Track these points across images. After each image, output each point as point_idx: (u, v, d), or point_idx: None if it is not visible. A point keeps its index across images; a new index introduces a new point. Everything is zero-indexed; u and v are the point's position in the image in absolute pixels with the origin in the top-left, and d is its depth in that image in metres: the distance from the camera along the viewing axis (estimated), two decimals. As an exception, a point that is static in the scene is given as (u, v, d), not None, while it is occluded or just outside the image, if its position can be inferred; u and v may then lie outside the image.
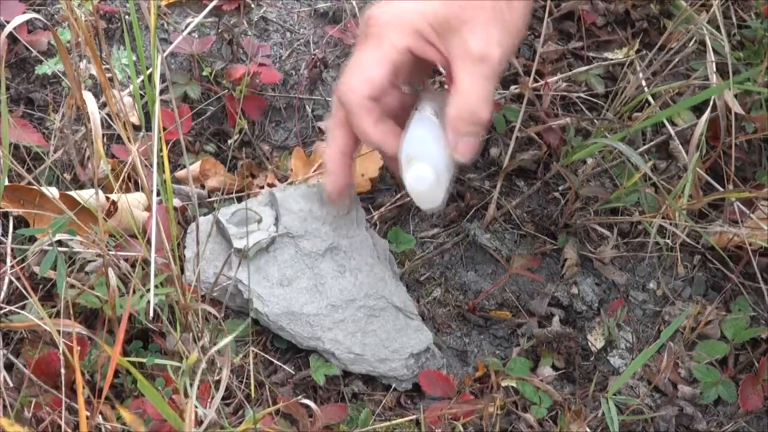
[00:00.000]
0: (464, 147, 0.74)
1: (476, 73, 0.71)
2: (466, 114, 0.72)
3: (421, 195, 0.76)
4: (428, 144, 0.75)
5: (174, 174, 0.98)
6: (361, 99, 0.73)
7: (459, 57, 0.71)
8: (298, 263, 0.88)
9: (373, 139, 0.75)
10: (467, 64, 0.71)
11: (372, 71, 0.73)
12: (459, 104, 0.72)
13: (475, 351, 0.94)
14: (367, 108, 0.74)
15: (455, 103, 0.73)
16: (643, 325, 0.98)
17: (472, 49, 0.70)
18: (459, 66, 0.72)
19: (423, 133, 0.75)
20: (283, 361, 0.88)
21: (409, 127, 0.76)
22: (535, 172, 1.05)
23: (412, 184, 0.75)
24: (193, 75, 1.03)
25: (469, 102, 0.72)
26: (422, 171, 0.74)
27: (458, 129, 0.73)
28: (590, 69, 1.11)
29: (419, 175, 0.75)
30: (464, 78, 0.72)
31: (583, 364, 0.94)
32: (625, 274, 1.00)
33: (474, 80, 0.71)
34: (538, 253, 0.99)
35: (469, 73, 0.71)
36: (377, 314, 0.88)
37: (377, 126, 0.75)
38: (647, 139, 1.08)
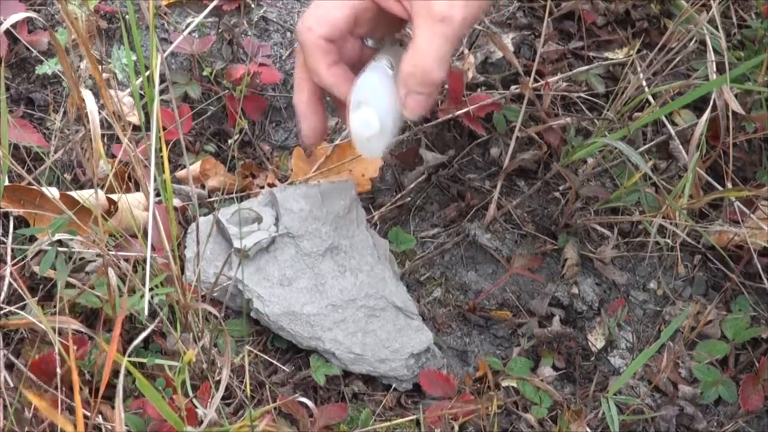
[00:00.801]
0: (413, 104, 0.74)
1: (436, 33, 0.71)
2: (420, 72, 0.72)
3: (363, 141, 0.76)
4: (378, 92, 0.75)
5: (174, 174, 0.98)
6: (317, 39, 0.73)
7: (421, 15, 0.71)
8: (298, 263, 0.88)
9: (325, 80, 0.75)
10: (428, 22, 0.71)
11: (331, 12, 0.72)
12: (414, 61, 0.72)
13: (475, 351, 0.94)
14: (322, 48, 0.73)
15: (410, 59, 0.73)
16: (644, 324, 0.98)
17: (435, 9, 0.70)
18: (420, 24, 0.71)
19: (375, 81, 0.75)
20: (284, 361, 0.88)
21: (362, 74, 0.76)
22: (535, 172, 1.05)
23: (356, 128, 0.75)
24: (194, 75, 1.03)
25: (425, 61, 0.72)
26: (368, 116, 0.74)
27: (409, 85, 0.74)
28: (591, 69, 1.11)
29: (365, 120, 0.75)
30: (423, 36, 0.71)
31: (584, 364, 0.94)
32: (626, 274, 1.00)
33: (432, 39, 0.71)
34: (539, 253, 0.99)
35: (428, 32, 0.71)
36: (377, 314, 0.88)
37: (331, 68, 0.74)
38: (647, 139, 1.08)
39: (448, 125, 1.05)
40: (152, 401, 0.68)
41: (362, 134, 0.76)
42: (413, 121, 1.05)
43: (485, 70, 1.12)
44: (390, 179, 1.03)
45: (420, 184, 1.02)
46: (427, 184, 1.03)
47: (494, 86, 1.09)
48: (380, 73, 0.76)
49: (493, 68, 1.12)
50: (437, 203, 1.02)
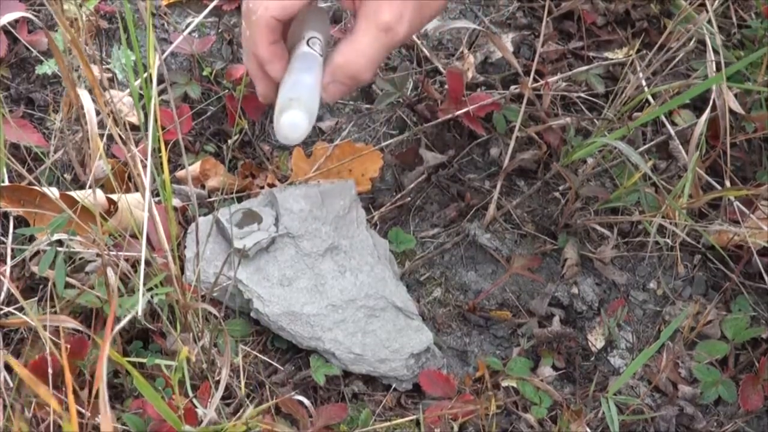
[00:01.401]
0: (334, 90, 0.77)
1: (376, 39, 0.73)
2: (351, 69, 0.75)
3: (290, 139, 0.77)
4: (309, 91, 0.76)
5: (174, 174, 0.98)
6: (270, 19, 0.74)
7: (367, 18, 0.73)
8: (298, 263, 0.88)
9: (262, 55, 0.76)
10: (371, 27, 0.73)
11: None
12: (347, 57, 0.75)
13: (475, 351, 0.93)
14: (270, 27, 0.74)
15: (344, 53, 0.75)
16: (644, 325, 0.98)
17: (382, 18, 0.72)
18: (363, 26, 0.73)
19: (306, 82, 0.75)
20: (284, 361, 0.88)
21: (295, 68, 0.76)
22: (535, 171, 1.05)
23: (284, 130, 0.75)
24: (194, 75, 1.03)
25: (359, 60, 0.74)
26: (298, 119, 0.75)
27: (336, 76, 0.76)
28: (590, 69, 1.11)
29: (294, 123, 0.75)
30: (363, 38, 0.74)
31: (584, 364, 0.94)
32: (626, 274, 1.00)
33: (371, 44, 0.73)
34: (539, 253, 0.99)
35: (370, 36, 0.73)
36: (377, 314, 0.88)
37: (270, 45, 0.75)
38: (647, 139, 1.08)
39: (447, 125, 1.05)
40: (150, 400, 0.68)
41: (289, 136, 0.76)
42: (413, 121, 1.05)
43: (485, 70, 1.12)
44: (390, 179, 1.03)
45: (420, 184, 1.02)
46: (427, 184, 1.03)
47: (494, 86, 1.09)
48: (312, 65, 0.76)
49: (493, 68, 1.12)
50: (437, 203, 1.02)
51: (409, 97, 1.06)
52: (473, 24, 1.09)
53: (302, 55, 0.76)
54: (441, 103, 1.04)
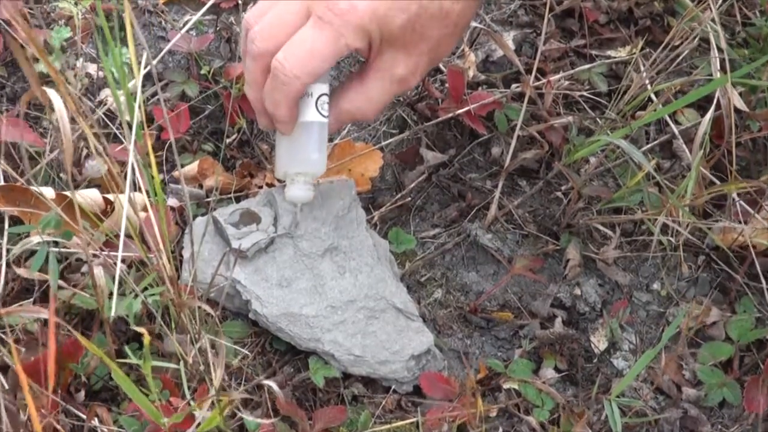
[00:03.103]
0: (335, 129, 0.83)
1: (388, 90, 0.77)
2: (358, 115, 0.80)
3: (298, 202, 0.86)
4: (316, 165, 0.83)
5: (172, 173, 0.98)
6: (301, 87, 0.76)
7: (382, 70, 0.76)
8: (297, 264, 0.87)
9: (279, 117, 0.78)
10: (386, 79, 0.77)
11: (322, 67, 0.75)
12: (356, 104, 0.79)
13: (476, 352, 0.93)
14: (299, 94, 0.77)
15: (354, 100, 0.79)
16: (647, 326, 0.97)
17: (397, 72, 0.76)
18: (377, 76, 0.77)
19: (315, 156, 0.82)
20: (282, 363, 0.88)
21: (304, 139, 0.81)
22: (537, 171, 1.04)
23: (294, 197, 0.84)
24: (191, 73, 1.03)
25: (368, 108, 0.79)
26: (306, 191, 0.84)
27: (341, 118, 0.80)
28: (593, 67, 1.11)
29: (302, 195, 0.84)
30: (376, 88, 0.78)
31: (586, 366, 0.94)
32: (629, 275, 0.99)
33: (383, 94, 0.78)
34: (541, 254, 0.99)
35: (382, 87, 0.77)
36: (377, 315, 0.87)
37: (290, 110, 0.78)
38: (650, 139, 1.07)
39: (448, 124, 1.05)
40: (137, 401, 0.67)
41: (302, 200, 0.85)
42: (413, 120, 1.05)
43: (486, 68, 1.12)
44: (390, 179, 1.03)
45: (420, 183, 1.02)
46: (427, 184, 1.02)
47: (495, 85, 1.09)
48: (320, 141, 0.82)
49: (494, 67, 1.12)
50: (438, 203, 1.02)
51: (409, 95, 1.06)
52: (474, 22, 1.09)
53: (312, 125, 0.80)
54: (442, 101, 1.04)
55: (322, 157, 0.83)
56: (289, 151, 0.82)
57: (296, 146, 0.82)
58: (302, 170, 0.83)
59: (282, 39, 0.74)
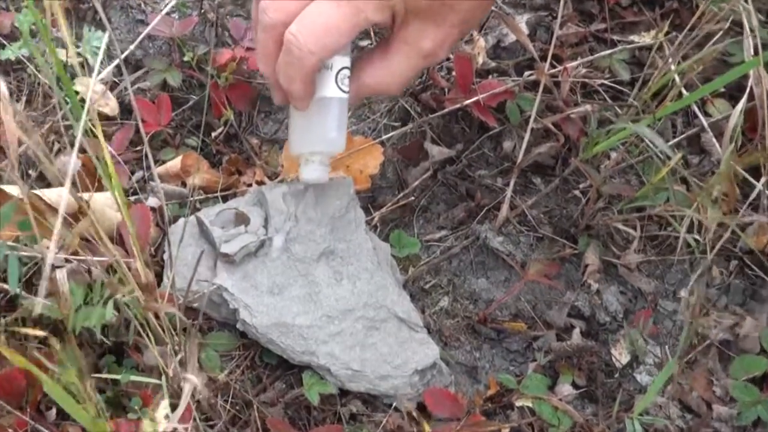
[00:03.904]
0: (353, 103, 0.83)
1: (414, 64, 0.77)
2: (380, 90, 0.80)
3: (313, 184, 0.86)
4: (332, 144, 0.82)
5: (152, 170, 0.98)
6: (317, 63, 0.76)
7: (407, 43, 0.76)
8: (289, 269, 0.87)
9: (293, 92, 0.78)
10: (411, 53, 0.76)
11: (339, 42, 0.75)
12: (379, 79, 0.79)
13: (486, 367, 0.93)
14: (314, 70, 0.77)
15: (377, 75, 0.79)
16: (673, 337, 0.97)
17: (424, 46, 0.76)
18: (402, 49, 0.77)
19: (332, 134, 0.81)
20: (273, 378, 0.88)
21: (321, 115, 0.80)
22: (552, 167, 1.04)
23: (308, 178, 0.84)
24: (173, 60, 1.03)
25: (391, 82, 0.79)
26: (320, 172, 0.83)
27: (362, 93, 0.81)
28: (614, 53, 1.10)
29: (317, 176, 0.84)
30: (401, 62, 0.78)
31: (607, 381, 0.93)
32: (653, 281, 0.99)
33: (408, 68, 0.78)
34: (557, 258, 0.99)
35: (407, 60, 0.77)
36: (378, 326, 0.87)
37: (306, 85, 0.78)
38: (677, 132, 1.07)
39: (455, 116, 1.05)
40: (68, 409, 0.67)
41: (313, 183, 0.85)
42: (417, 112, 1.04)
43: (497, 54, 1.12)
44: (392, 176, 1.03)
45: (425, 181, 1.02)
46: (432, 182, 1.02)
47: (507, 73, 1.09)
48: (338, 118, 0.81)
49: (506, 53, 1.12)
50: (444, 203, 1.02)
51: (412, 85, 1.06)
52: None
53: (331, 100, 0.80)
54: (448, 91, 1.04)
55: (341, 136, 0.82)
56: (304, 129, 0.82)
57: (313, 123, 0.81)
58: (319, 150, 0.82)
59: (295, 10, 0.74)
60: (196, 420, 0.78)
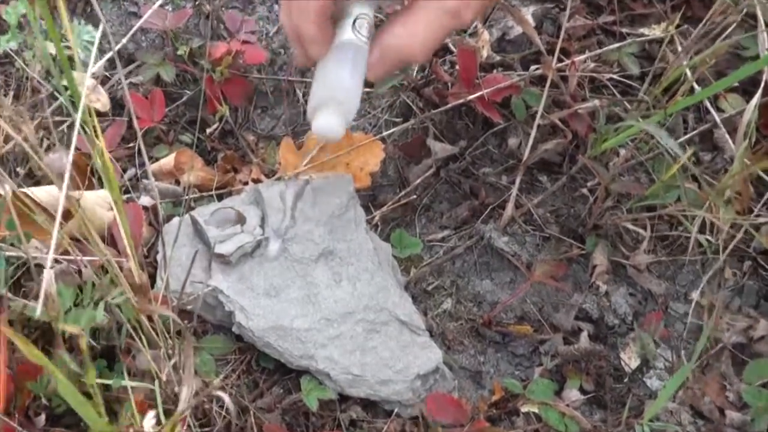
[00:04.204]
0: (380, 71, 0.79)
1: (438, 23, 0.75)
2: (404, 52, 0.77)
3: (325, 138, 0.81)
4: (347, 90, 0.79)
5: (145, 168, 0.98)
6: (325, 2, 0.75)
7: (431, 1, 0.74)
8: (287, 270, 0.87)
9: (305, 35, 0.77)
10: (436, 9, 0.74)
11: None
12: (402, 39, 0.76)
13: (491, 371, 0.93)
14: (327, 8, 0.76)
15: (399, 34, 0.76)
16: (685, 341, 0.97)
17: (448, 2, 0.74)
18: (426, 6, 0.75)
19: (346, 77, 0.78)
20: (271, 383, 0.88)
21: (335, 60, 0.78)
22: (559, 165, 1.04)
23: (319, 130, 0.79)
24: (167, 54, 1.03)
25: (414, 43, 0.76)
26: (333, 122, 0.79)
27: (385, 57, 0.78)
28: (623, 47, 1.10)
29: (329, 125, 0.79)
30: (424, 19, 0.75)
31: (616, 386, 0.93)
32: (664, 283, 0.99)
33: (432, 27, 0.75)
34: (564, 259, 0.99)
35: (431, 19, 0.75)
36: (378, 329, 0.87)
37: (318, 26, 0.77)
38: (689, 128, 1.07)
39: (459, 111, 1.05)
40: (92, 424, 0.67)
41: (324, 136, 0.80)
42: (419, 107, 1.04)
43: (502, 48, 1.11)
44: (393, 174, 1.03)
45: (427, 179, 1.01)
46: (435, 180, 1.02)
47: (512, 67, 1.09)
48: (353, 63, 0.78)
49: (511, 46, 1.12)
50: (447, 201, 1.02)
51: (414, 79, 1.06)
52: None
53: (345, 46, 0.78)
54: (451, 86, 1.04)
55: (356, 85, 0.79)
56: (319, 80, 0.80)
57: (327, 70, 0.79)
58: (330, 95, 0.79)
59: None
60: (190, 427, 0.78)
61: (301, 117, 1.05)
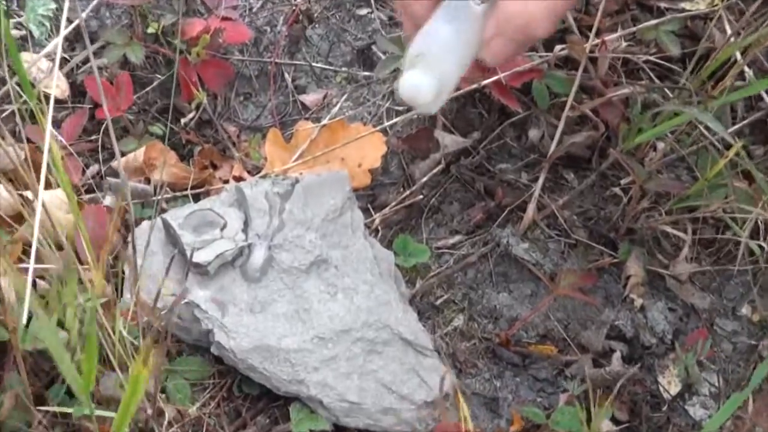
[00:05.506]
0: (499, 48, 0.77)
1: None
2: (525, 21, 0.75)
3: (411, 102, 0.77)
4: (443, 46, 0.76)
5: (111, 164, 0.98)
6: None
7: None
8: (274, 282, 0.88)
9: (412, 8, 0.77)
10: None
11: None
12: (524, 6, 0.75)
13: (508, 398, 0.93)
14: None
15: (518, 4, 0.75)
16: (733, 363, 0.97)
17: None
18: None
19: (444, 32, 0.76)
20: (255, 411, 0.88)
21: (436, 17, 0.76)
22: (588, 160, 1.04)
23: (406, 92, 0.76)
24: (135, 32, 1.03)
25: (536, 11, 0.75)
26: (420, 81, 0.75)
27: (504, 29, 0.76)
28: (662, 24, 1.10)
29: (415, 85, 0.75)
30: None
31: (653, 415, 0.94)
32: (709, 296, 0.99)
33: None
34: (593, 269, 0.99)
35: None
36: (379, 349, 0.88)
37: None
38: (738, 117, 1.07)
39: (472, 99, 1.05)
40: None
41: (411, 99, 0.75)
42: None
43: (522, 25, 1.12)
44: (396, 170, 1.03)
45: (435, 176, 1.02)
46: (444, 177, 1.02)
47: (534, 47, 1.09)
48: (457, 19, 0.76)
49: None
50: (458, 202, 1.02)
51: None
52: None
53: (450, 5, 0.76)
54: (463, 69, 1.04)
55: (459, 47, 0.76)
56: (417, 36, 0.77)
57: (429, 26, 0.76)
58: (427, 50, 0.75)
59: None
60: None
61: (289, 105, 1.06)
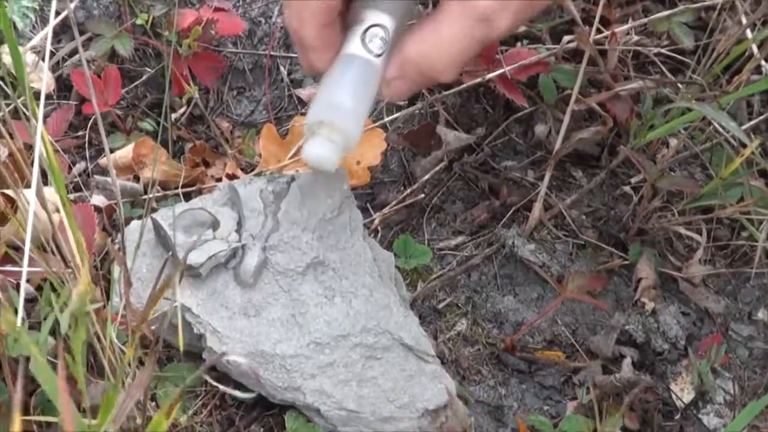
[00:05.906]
0: (399, 88, 0.79)
1: (467, 32, 0.74)
2: (427, 66, 0.76)
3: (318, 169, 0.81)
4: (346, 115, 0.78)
5: (98, 161, 0.98)
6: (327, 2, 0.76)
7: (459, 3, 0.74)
8: (269, 285, 0.88)
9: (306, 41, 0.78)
10: (464, 16, 0.74)
11: None
12: (425, 50, 0.76)
13: (514, 406, 0.93)
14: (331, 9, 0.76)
15: (422, 44, 0.76)
16: (749, 370, 0.97)
17: (479, 6, 0.73)
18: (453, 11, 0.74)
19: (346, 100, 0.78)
20: (248, 420, 0.88)
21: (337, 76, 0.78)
22: (597, 158, 1.04)
23: (310, 158, 0.79)
24: (124, 24, 1.03)
25: (439, 55, 0.76)
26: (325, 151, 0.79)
27: (406, 71, 0.78)
28: (674, 15, 1.10)
29: (320, 155, 0.79)
30: (450, 28, 0.75)
31: (665, 424, 0.94)
32: (723, 300, 0.99)
33: (458, 37, 0.75)
34: (602, 271, 0.99)
35: (459, 27, 0.74)
36: (379, 355, 0.87)
37: (319, 30, 0.77)
38: (754, 113, 1.07)
39: (476, 93, 1.05)
40: None
41: (318, 167, 0.80)
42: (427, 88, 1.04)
43: (528, 16, 1.12)
44: (396, 168, 1.03)
45: (437, 174, 1.02)
46: (447, 175, 1.02)
47: (540, 39, 1.09)
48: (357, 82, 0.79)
49: (539, 14, 1.12)
50: (461, 201, 1.02)
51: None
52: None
53: (350, 60, 0.78)
54: (467, 62, 1.04)
55: (358, 109, 0.79)
56: (317, 95, 0.80)
57: (325, 86, 0.79)
58: (325, 118, 0.78)
59: None
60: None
61: (285, 100, 1.06)
